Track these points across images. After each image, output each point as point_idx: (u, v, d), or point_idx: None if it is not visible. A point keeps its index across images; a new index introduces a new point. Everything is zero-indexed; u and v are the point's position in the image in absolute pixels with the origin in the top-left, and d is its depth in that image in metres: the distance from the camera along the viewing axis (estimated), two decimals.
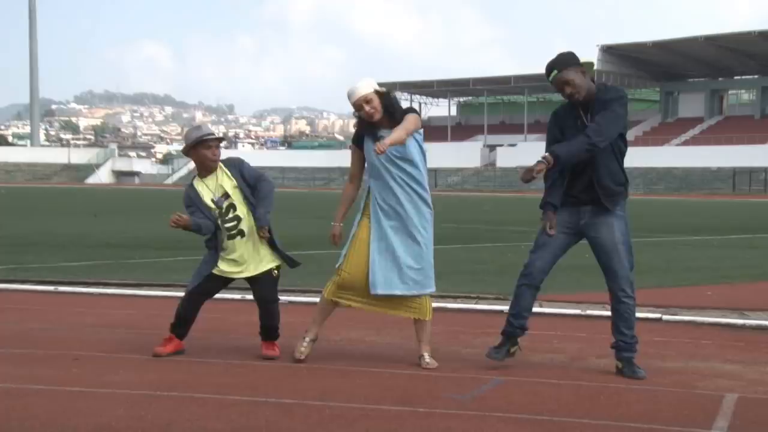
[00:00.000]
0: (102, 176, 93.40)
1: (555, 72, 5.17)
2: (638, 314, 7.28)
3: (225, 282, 5.66)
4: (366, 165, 5.52)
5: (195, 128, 5.64)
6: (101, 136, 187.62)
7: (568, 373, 5.24)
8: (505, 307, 7.60)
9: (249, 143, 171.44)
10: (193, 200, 5.60)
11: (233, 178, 5.59)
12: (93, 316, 7.14)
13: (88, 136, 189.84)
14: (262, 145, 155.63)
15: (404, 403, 4.46)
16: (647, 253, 13.23)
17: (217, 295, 6.00)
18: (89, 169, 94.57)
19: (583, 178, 5.24)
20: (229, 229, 5.56)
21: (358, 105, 5.36)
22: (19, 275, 9.48)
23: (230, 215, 5.55)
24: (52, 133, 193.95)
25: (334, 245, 5.58)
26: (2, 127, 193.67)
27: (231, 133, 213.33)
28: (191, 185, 5.69)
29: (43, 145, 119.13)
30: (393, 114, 5.37)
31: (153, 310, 7.49)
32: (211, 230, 5.57)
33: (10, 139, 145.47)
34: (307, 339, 5.50)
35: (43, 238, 15.45)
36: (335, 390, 4.72)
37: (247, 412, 4.26)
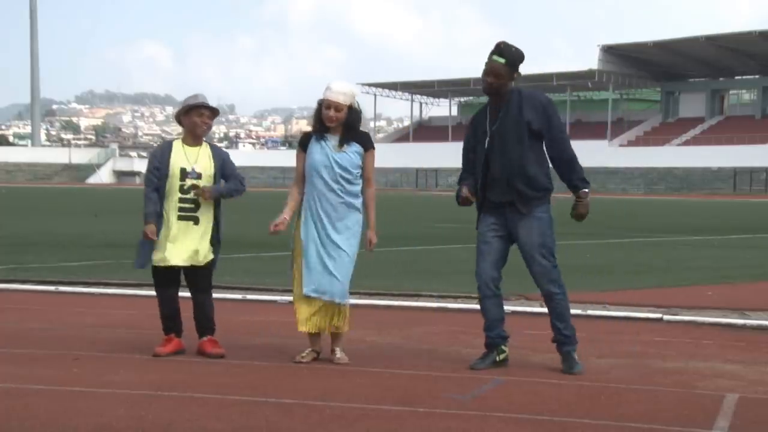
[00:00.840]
0: (103, 176, 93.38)
1: (500, 59, 5.19)
2: (639, 314, 7.33)
3: (175, 270, 5.57)
4: (308, 166, 5.46)
5: (192, 96, 5.63)
6: (102, 136, 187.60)
7: (569, 374, 5.23)
8: (506, 307, 7.61)
9: (250, 143, 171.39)
10: (159, 159, 5.52)
11: (213, 163, 5.57)
12: (93, 316, 7.14)
13: (89, 136, 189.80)
14: (263, 145, 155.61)
15: (404, 403, 4.45)
16: (648, 253, 13.24)
17: (217, 295, 6.00)
18: (90, 169, 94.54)
19: (500, 183, 5.27)
20: (181, 209, 5.47)
21: (328, 104, 5.35)
22: (20, 275, 9.48)
23: (189, 195, 5.48)
24: (53, 133, 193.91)
25: (274, 235, 5.51)
26: (3, 127, 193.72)
27: (232, 133, 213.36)
28: (169, 143, 5.65)
29: (43, 145, 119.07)
30: (348, 131, 5.41)
31: (153, 310, 7.45)
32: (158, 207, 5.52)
33: (10, 139, 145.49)
34: (310, 350, 5.52)
35: (43, 238, 15.45)
36: (335, 390, 4.72)
37: (248, 412, 4.26)
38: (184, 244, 5.49)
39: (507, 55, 5.21)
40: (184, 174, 5.50)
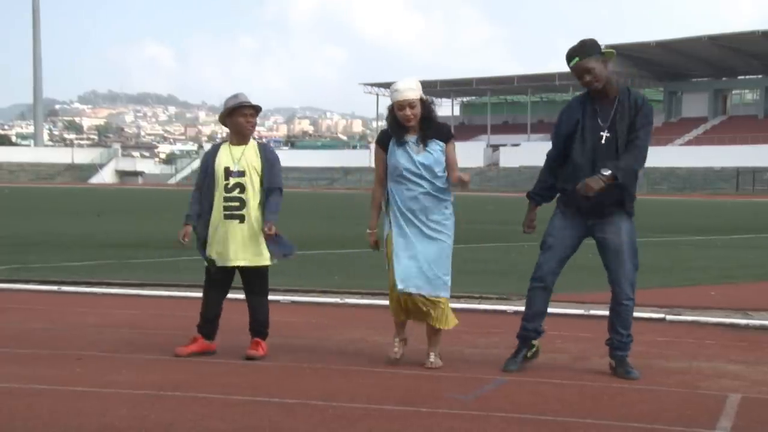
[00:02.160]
0: (105, 176, 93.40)
1: (576, 59, 5.11)
2: (642, 314, 7.31)
3: (228, 272, 5.62)
4: (387, 168, 5.41)
5: (232, 96, 5.63)
6: (104, 136, 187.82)
7: (572, 373, 5.23)
8: (508, 307, 7.62)
9: None
10: (207, 162, 5.59)
11: (260, 159, 5.56)
12: (96, 315, 7.15)
13: (92, 136, 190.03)
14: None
15: (407, 403, 4.45)
16: (650, 253, 13.20)
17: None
18: (92, 169, 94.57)
19: (609, 186, 5.10)
20: (227, 208, 5.49)
21: (401, 105, 5.27)
22: (23, 275, 9.49)
23: (234, 194, 5.49)
24: (56, 133, 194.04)
25: (377, 249, 5.54)
26: (6, 127, 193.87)
27: None
28: (217, 145, 5.68)
29: (46, 145, 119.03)
30: (428, 125, 5.32)
31: (156, 309, 7.50)
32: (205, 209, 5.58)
33: (13, 139, 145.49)
34: (397, 339, 5.54)
35: (46, 238, 15.46)
36: (338, 390, 4.72)
37: (250, 411, 4.26)
38: (232, 245, 5.50)
39: (578, 52, 5.11)
40: (228, 173, 5.52)
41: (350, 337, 6.31)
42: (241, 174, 5.51)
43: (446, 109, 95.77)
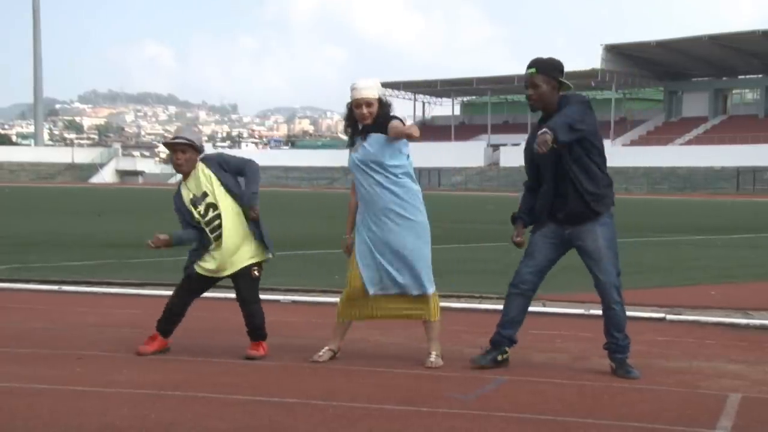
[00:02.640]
0: (105, 176, 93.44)
1: (533, 70, 5.19)
2: (642, 314, 7.32)
3: (210, 281, 5.69)
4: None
5: (173, 132, 5.71)
6: (105, 135, 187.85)
7: (572, 373, 5.23)
8: None
9: (253, 143, 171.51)
10: (178, 206, 5.67)
11: (212, 175, 5.57)
12: (96, 315, 7.15)
13: (92, 136, 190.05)
14: (265, 144, 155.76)
15: (407, 403, 4.45)
16: (651, 252, 13.22)
17: (221, 295, 6.01)
18: (93, 168, 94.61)
19: (564, 195, 5.22)
20: (212, 230, 5.56)
21: (358, 104, 5.34)
22: (23, 275, 9.49)
23: (210, 215, 5.54)
24: (56, 132, 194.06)
25: (348, 255, 5.58)
26: (6, 127, 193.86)
27: (235, 133, 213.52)
28: (178, 190, 5.74)
29: (46, 145, 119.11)
30: (382, 125, 5.33)
31: (156, 309, 7.47)
32: (195, 238, 5.62)
33: (13, 138, 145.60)
34: (327, 348, 5.53)
35: (46, 237, 15.46)
36: (338, 390, 4.72)
37: (251, 411, 4.26)
38: (225, 256, 5.55)
39: (538, 66, 5.21)
40: (194, 203, 5.58)
41: (350, 336, 6.30)
42: (205, 195, 5.56)
43: (447, 108, 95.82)
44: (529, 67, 5.21)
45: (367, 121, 5.34)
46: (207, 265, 5.59)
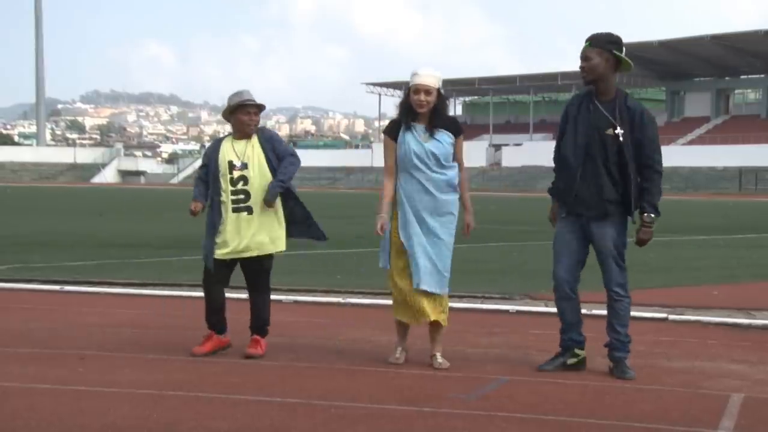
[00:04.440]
0: (108, 176, 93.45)
1: (587, 44, 5.10)
2: (644, 314, 7.31)
3: (232, 264, 5.64)
4: (398, 158, 5.36)
5: (236, 94, 5.65)
6: (107, 135, 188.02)
7: (574, 373, 5.23)
8: (510, 307, 7.63)
9: None
10: (209, 156, 5.64)
11: (261, 150, 5.58)
12: (99, 315, 7.15)
13: (94, 136, 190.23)
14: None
15: (409, 403, 4.45)
16: (653, 252, 13.16)
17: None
18: (95, 168, 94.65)
19: (590, 188, 5.15)
20: (235, 201, 5.54)
21: (417, 89, 5.25)
22: (25, 275, 9.50)
23: (239, 186, 5.53)
24: (58, 132, 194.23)
25: (380, 235, 5.40)
26: (8, 127, 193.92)
27: None
28: (219, 140, 5.72)
29: (48, 145, 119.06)
30: (439, 116, 5.31)
31: (159, 309, 7.50)
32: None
33: (16, 138, 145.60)
34: (399, 348, 5.51)
35: (48, 237, 15.47)
36: (340, 389, 4.72)
37: (253, 411, 4.26)
38: (245, 237, 5.53)
39: (593, 39, 5.09)
40: (231, 167, 5.56)
41: (353, 336, 6.31)
42: (245, 166, 5.55)
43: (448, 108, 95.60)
44: (586, 41, 5.12)
45: (424, 109, 5.25)
46: (223, 250, 5.54)
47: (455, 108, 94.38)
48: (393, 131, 5.38)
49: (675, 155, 70.57)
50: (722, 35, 70.16)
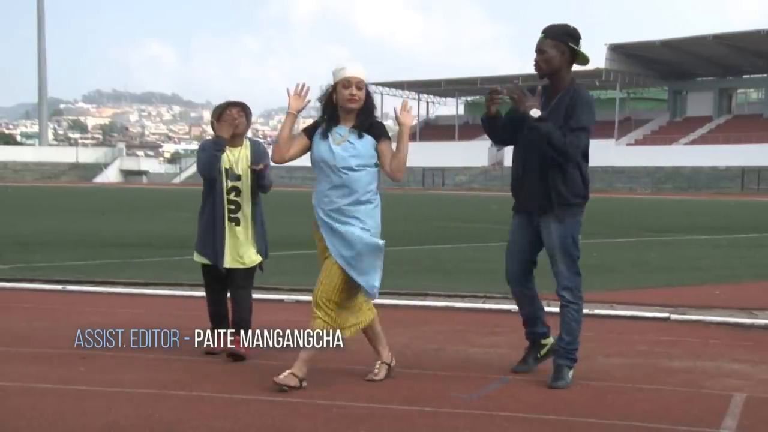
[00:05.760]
0: (110, 175, 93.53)
1: (542, 36, 4.91)
2: (646, 313, 7.31)
3: (221, 272, 5.60)
4: (312, 161, 4.90)
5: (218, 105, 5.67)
6: (109, 135, 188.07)
7: (576, 372, 5.22)
8: (513, 307, 7.59)
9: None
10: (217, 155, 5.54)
11: (250, 160, 5.59)
12: (101, 315, 7.15)
13: (96, 136, 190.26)
14: (269, 144, 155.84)
15: (411, 403, 4.45)
16: (655, 252, 13.20)
17: None
18: (97, 168, 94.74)
19: (533, 181, 4.93)
20: (230, 210, 5.56)
21: (348, 82, 4.74)
22: (27, 274, 9.50)
23: (231, 196, 5.55)
24: (60, 132, 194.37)
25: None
26: (11, 127, 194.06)
27: None
28: (220, 144, 5.54)
29: (51, 145, 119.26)
30: (366, 116, 4.83)
31: (161, 308, 7.50)
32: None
33: (18, 138, 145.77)
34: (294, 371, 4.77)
35: (50, 237, 15.48)
36: (342, 389, 4.72)
37: (255, 411, 4.26)
38: (232, 247, 5.55)
39: (548, 31, 4.90)
40: (227, 175, 5.57)
41: (354, 336, 6.30)
42: (238, 178, 5.57)
43: (450, 108, 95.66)
44: (541, 32, 4.93)
45: (355, 104, 4.75)
46: (203, 259, 5.59)
47: (457, 107, 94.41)
48: (311, 131, 4.93)
49: (677, 155, 70.60)
50: (725, 35, 70.09)
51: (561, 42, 4.88)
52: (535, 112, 4.80)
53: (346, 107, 4.81)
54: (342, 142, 4.78)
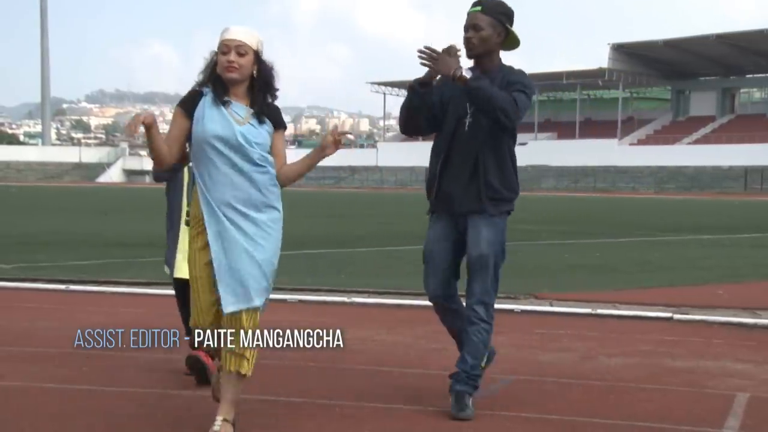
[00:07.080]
0: (113, 175, 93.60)
1: (477, 8, 4.23)
2: (649, 313, 7.30)
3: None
4: (191, 144, 3.95)
5: None
6: (112, 135, 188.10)
7: (578, 373, 5.22)
8: (515, 306, 7.62)
9: None
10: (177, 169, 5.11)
11: None
12: (103, 314, 7.16)
13: (99, 135, 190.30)
14: None
15: (414, 403, 4.45)
16: (658, 252, 13.20)
17: None
18: (100, 168, 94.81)
19: (461, 174, 4.30)
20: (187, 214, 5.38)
21: (226, 47, 3.79)
22: (31, 274, 9.51)
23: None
24: (63, 132, 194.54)
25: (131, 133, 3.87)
26: (14, 126, 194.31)
27: None
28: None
29: (54, 144, 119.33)
30: (263, 92, 3.89)
31: (164, 308, 7.49)
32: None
33: (21, 138, 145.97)
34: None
35: (53, 237, 15.50)
36: (344, 389, 4.72)
37: (257, 410, 4.26)
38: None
39: (484, 3, 4.23)
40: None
41: (357, 336, 6.30)
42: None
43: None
44: (474, 5, 4.24)
45: (234, 74, 3.78)
46: (180, 273, 5.14)
47: None
48: (187, 104, 3.93)
49: (680, 155, 70.54)
50: (727, 34, 70.02)
51: (498, 21, 4.24)
52: (468, 73, 4.11)
53: (224, 76, 3.82)
54: (244, 124, 3.84)
